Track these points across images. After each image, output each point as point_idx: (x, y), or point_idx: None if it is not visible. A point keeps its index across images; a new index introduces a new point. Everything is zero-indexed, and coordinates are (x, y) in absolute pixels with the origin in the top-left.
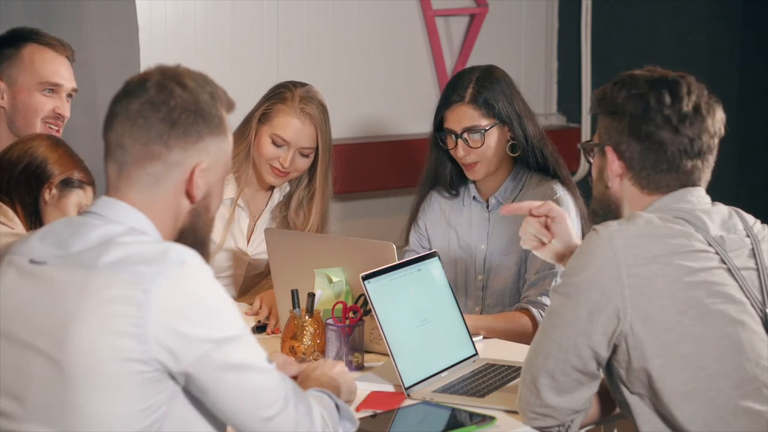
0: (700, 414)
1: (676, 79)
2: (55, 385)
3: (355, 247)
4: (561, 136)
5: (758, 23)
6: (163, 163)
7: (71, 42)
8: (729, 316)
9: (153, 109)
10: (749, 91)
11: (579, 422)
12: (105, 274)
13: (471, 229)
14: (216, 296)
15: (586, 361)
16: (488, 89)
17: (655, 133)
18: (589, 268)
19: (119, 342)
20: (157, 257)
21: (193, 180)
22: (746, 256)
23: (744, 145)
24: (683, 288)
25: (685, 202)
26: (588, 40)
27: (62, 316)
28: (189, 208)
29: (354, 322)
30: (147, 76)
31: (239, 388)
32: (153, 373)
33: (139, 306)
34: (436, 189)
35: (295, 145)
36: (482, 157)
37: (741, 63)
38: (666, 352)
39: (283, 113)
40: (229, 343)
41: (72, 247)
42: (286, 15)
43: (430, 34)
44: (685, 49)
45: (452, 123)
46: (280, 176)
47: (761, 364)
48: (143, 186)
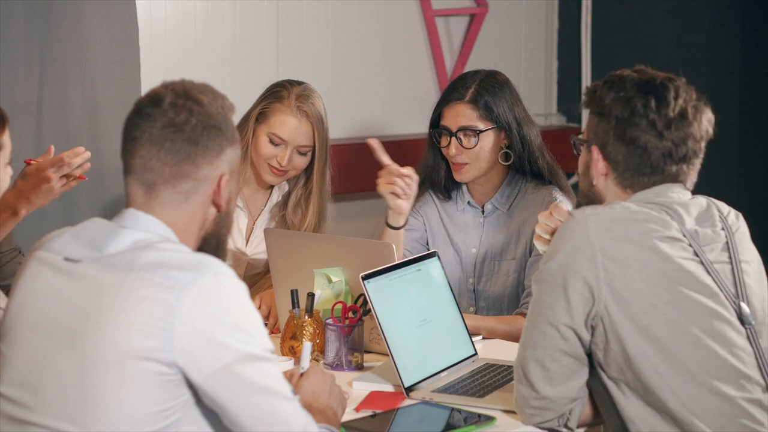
0: (677, 394)
1: (663, 82)
2: (76, 377)
3: (355, 247)
4: (561, 136)
5: (758, 23)
6: (192, 180)
7: (71, 42)
8: (703, 304)
9: (176, 130)
10: (749, 91)
11: (578, 412)
12: (140, 275)
13: (464, 232)
14: (248, 312)
15: (572, 343)
16: (490, 92)
17: (640, 138)
18: (564, 250)
19: (145, 342)
20: (193, 265)
21: (221, 190)
22: (720, 249)
23: (744, 145)
24: (658, 272)
25: (665, 196)
26: (588, 40)
27: (93, 312)
28: (215, 215)
29: (354, 322)
30: (159, 96)
31: (261, 409)
32: (173, 376)
33: (170, 310)
34: (430, 190)
35: (293, 144)
36: (473, 159)
37: (741, 63)
38: (641, 333)
39: (279, 112)
40: (256, 361)
41: (106, 250)
42: (286, 15)
43: (430, 34)
44: (684, 49)
45: (448, 120)
46: (278, 175)
47: (735, 353)
48: (174, 203)
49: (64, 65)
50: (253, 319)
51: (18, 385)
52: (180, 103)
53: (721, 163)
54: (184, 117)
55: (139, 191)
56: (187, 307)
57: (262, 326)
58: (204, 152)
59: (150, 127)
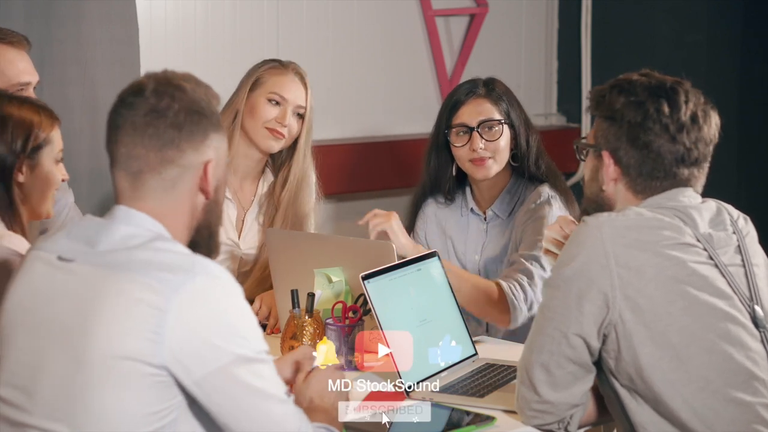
0: (689, 403)
1: (673, 86)
2: (69, 379)
3: (355, 247)
4: (561, 136)
5: (758, 23)
6: (178, 167)
7: (71, 42)
8: (718, 308)
9: (159, 116)
10: (749, 91)
11: (578, 417)
12: (132, 276)
13: (467, 239)
14: (241, 314)
15: (579, 351)
16: (499, 90)
17: (654, 142)
18: (578, 258)
19: (136, 345)
20: (185, 267)
21: (207, 177)
22: (733, 252)
23: (744, 145)
24: (672, 278)
25: (676, 200)
26: (588, 40)
27: (86, 313)
28: (204, 204)
29: (354, 322)
30: (141, 85)
31: (254, 411)
32: (165, 378)
33: (160, 314)
34: (432, 196)
35: (293, 103)
36: (495, 152)
37: (741, 63)
38: (655, 341)
39: (279, 74)
40: (249, 363)
41: (99, 245)
42: (286, 15)
43: (430, 34)
44: (684, 49)
45: (467, 117)
46: (279, 137)
47: (750, 356)
48: (161, 191)
49: (64, 65)
50: (246, 321)
51: (14, 386)
52: (162, 90)
53: (721, 163)
54: (167, 103)
55: (125, 182)
56: (177, 311)
57: (257, 327)
58: (188, 137)
59: (132, 115)
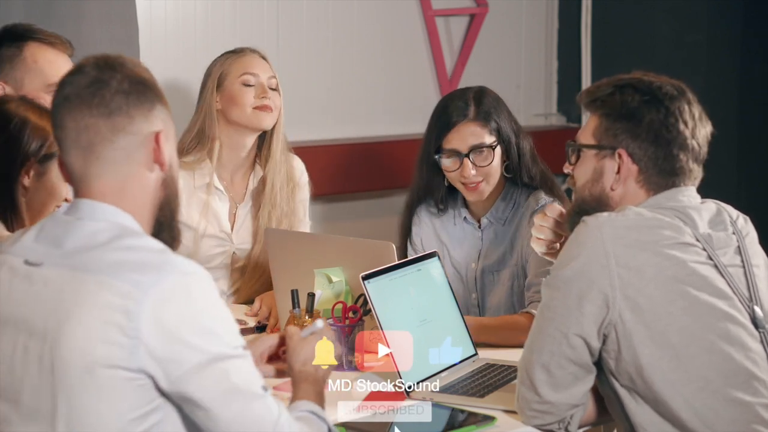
0: (689, 402)
1: (681, 86)
2: (48, 387)
3: (355, 247)
4: (561, 136)
5: (758, 23)
6: (129, 134)
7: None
8: (718, 308)
9: (103, 85)
10: (749, 91)
11: (579, 417)
12: (100, 279)
13: (462, 247)
14: (214, 310)
15: (580, 351)
16: (488, 106)
17: (676, 139)
18: (579, 259)
19: (110, 350)
20: (156, 266)
21: (160, 147)
22: (733, 253)
23: (744, 145)
24: (672, 278)
25: (676, 200)
26: (588, 40)
27: (57, 318)
28: (161, 178)
29: (354, 322)
30: (81, 65)
31: (231, 408)
32: (144, 381)
33: (131, 316)
34: (423, 204)
35: (264, 75)
36: (487, 175)
37: (741, 63)
38: (655, 341)
39: (237, 58)
40: (224, 360)
41: (66, 245)
42: (286, 15)
43: (430, 34)
44: (684, 49)
45: (457, 143)
46: (268, 110)
47: (750, 356)
48: (116, 164)
49: None
50: (220, 317)
51: (2, 399)
52: (102, 64)
53: (721, 163)
54: (109, 74)
55: (78, 161)
56: (150, 313)
57: (232, 322)
58: (136, 104)
59: (76, 88)
